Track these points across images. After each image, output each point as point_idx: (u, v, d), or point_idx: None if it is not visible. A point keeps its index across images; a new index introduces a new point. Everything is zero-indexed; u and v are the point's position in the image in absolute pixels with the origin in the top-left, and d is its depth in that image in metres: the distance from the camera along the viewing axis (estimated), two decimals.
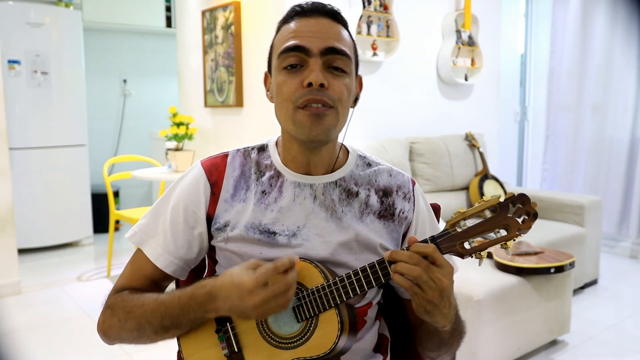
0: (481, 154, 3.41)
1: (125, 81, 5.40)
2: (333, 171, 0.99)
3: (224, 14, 3.40)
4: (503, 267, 2.27)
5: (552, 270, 2.26)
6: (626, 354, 2.52)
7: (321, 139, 0.92)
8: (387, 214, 0.99)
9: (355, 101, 0.99)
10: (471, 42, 3.69)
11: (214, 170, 0.99)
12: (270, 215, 0.95)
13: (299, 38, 0.91)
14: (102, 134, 5.25)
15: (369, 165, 1.03)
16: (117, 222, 4.32)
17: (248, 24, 3.28)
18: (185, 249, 0.98)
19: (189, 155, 3.36)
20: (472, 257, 0.83)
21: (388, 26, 3.26)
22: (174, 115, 3.38)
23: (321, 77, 0.89)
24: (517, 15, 4.72)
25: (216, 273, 1.01)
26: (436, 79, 3.63)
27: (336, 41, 0.91)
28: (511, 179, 4.74)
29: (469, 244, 0.82)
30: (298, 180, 0.97)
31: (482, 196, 3.24)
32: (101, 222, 4.64)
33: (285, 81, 0.91)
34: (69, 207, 4.28)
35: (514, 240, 0.79)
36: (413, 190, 1.03)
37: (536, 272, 2.25)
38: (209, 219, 0.98)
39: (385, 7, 3.21)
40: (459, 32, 3.60)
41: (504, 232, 0.80)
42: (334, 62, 0.91)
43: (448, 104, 3.70)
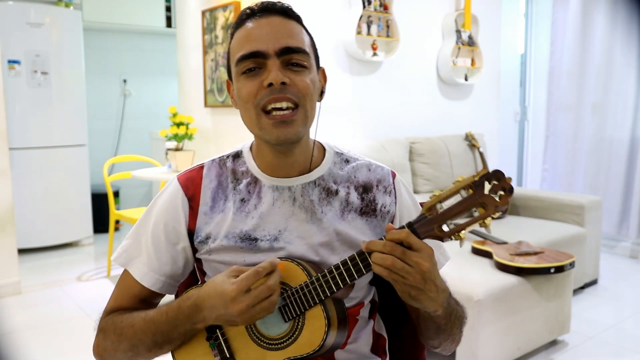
0: (481, 154, 3.41)
1: (125, 81, 5.40)
2: (310, 171, 0.98)
3: (224, 14, 3.40)
4: (503, 267, 2.26)
5: (552, 270, 2.26)
6: (626, 354, 2.52)
7: (292, 140, 0.91)
8: (368, 210, 0.98)
9: (322, 94, 0.98)
10: (471, 42, 3.69)
11: (190, 184, 0.99)
12: (251, 222, 0.95)
13: (253, 42, 0.90)
14: (102, 134, 5.25)
15: (347, 161, 1.02)
16: (117, 222, 4.31)
17: None
18: (170, 265, 0.99)
19: (189, 155, 3.36)
20: (452, 239, 0.81)
21: (388, 26, 3.26)
22: (174, 115, 3.38)
23: (281, 76, 0.88)
24: (517, 15, 4.72)
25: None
26: (436, 79, 3.63)
27: (290, 39, 0.90)
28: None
29: (447, 227, 0.80)
30: (276, 184, 0.97)
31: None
32: (101, 222, 4.64)
33: (245, 84, 0.91)
34: (69, 207, 4.28)
35: (492, 218, 0.78)
36: (393, 183, 1.02)
37: (536, 272, 2.25)
38: (190, 233, 0.98)
39: (385, 7, 3.21)
40: (459, 32, 3.60)
41: (482, 211, 0.78)
42: (292, 60, 0.90)
43: (448, 104, 3.70)
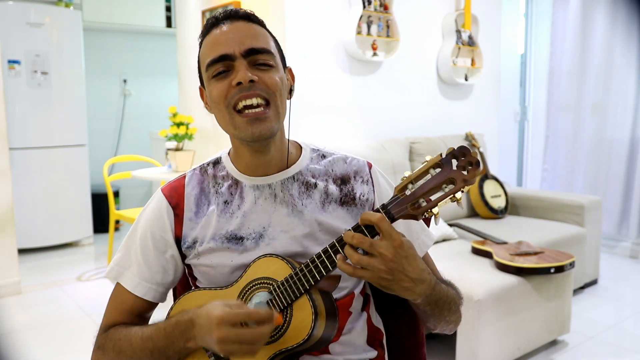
0: (481, 154, 3.41)
1: (125, 81, 5.40)
2: (288, 167, 1.01)
3: None
4: (503, 267, 2.26)
5: (552, 270, 2.26)
6: (626, 354, 2.52)
7: (266, 136, 0.94)
8: (348, 199, 1.01)
9: (291, 92, 1.02)
10: (471, 42, 3.69)
11: (174, 193, 1.03)
12: (235, 222, 0.99)
13: (220, 47, 0.94)
14: (102, 134, 5.25)
15: (323, 156, 1.05)
16: (117, 222, 4.31)
17: None
18: (161, 273, 1.02)
19: (189, 155, 3.36)
20: (425, 216, 0.83)
21: (388, 26, 3.25)
22: (174, 115, 3.38)
23: (249, 74, 0.91)
24: (517, 15, 4.72)
25: (198, 289, 1.02)
26: (436, 79, 3.63)
27: (255, 40, 0.94)
28: (511, 179, 4.73)
29: (420, 205, 0.82)
30: (256, 184, 1.00)
31: (483, 197, 3.25)
32: (101, 222, 4.64)
33: (216, 86, 0.95)
34: (69, 207, 4.28)
35: (462, 192, 0.81)
36: (370, 173, 1.05)
37: (536, 272, 2.25)
38: (178, 240, 1.01)
39: (385, 7, 3.21)
40: (459, 32, 3.60)
41: (451, 187, 0.80)
42: (258, 60, 0.94)
43: (448, 104, 3.70)
